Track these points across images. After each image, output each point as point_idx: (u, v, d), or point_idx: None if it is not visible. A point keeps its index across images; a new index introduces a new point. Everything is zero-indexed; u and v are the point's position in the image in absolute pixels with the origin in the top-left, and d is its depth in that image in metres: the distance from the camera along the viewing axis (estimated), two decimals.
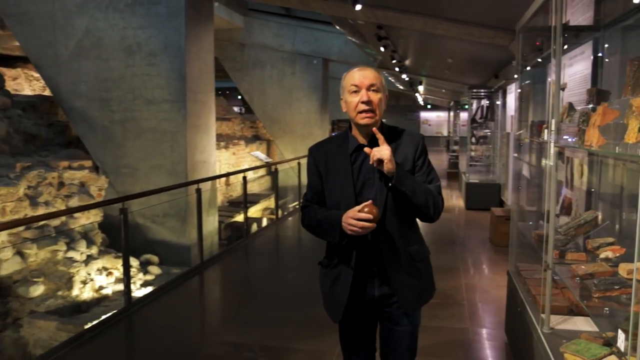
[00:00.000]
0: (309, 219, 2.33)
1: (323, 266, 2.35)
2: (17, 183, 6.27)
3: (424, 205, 2.15)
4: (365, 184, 2.20)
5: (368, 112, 2.12)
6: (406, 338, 2.32)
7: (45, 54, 8.57)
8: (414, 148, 2.22)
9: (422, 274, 2.29)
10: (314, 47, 14.82)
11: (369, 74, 2.15)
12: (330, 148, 2.30)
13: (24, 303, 5.98)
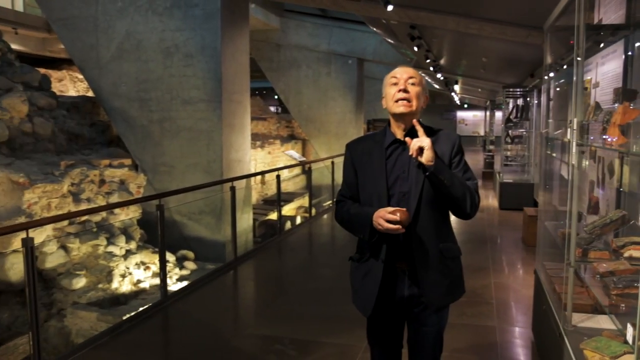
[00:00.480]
0: (342, 214, 2.36)
1: (354, 261, 2.37)
2: (62, 180, 6.57)
3: (461, 198, 2.15)
4: (399, 177, 2.21)
5: (404, 99, 2.16)
6: (433, 337, 2.34)
7: (88, 57, 8.91)
8: (450, 146, 2.24)
9: (451, 271, 2.29)
10: (350, 47, 14.88)
11: (409, 70, 2.22)
12: (367, 143, 2.34)
13: (67, 294, 6.26)
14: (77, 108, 8.94)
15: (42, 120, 7.45)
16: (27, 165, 6.52)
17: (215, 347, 4.18)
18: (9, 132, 6.90)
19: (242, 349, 4.14)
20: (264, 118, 15.94)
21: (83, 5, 8.79)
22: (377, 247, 2.23)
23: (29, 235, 3.80)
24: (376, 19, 8.60)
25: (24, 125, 7.17)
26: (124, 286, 6.67)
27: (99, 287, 6.45)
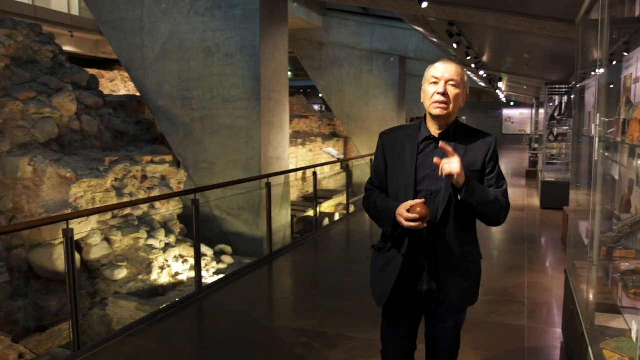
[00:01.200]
0: (369, 204, 2.37)
1: (376, 250, 2.39)
2: (106, 175, 6.86)
3: (491, 214, 2.18)
4: (429, 175, 2.20)
5: (442, 103, 2.13)
6: (450, 334, 2.35)
7: (134, 57, 9.24)
8: (485, 150, 2.23)
9: (472, 275, 2.31)
10: (392, 45, 14.84)
11: (451, 68, 2.16)
12: (401, 135, 2.32)
13: (110, 285, 6.54)
14: (123, 107, 9.29)
15: (89, 118, 7.79)
16: (74, 161, 6.84)
17: (243, 337, 4.32)
18: (59, 130, 7.25)
19: (270, 340, 4.25)
20: (307, 116, 16.07)
21: (129, 7, 9.12)
22: (399, 240, 2.24)
23: (69, 226, 4.01)
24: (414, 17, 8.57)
25: (73, 123, 7.52)
26: (162, 278, 6.91)
27: (139, 278, 6.70)
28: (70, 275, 4.02)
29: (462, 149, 2.19)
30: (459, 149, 2.18)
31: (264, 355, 3.97)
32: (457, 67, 2.18)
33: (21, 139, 6.87)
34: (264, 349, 4.08)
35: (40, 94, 7.22)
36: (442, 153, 2.16)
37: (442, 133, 2.21)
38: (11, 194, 6.72)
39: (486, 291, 5.55)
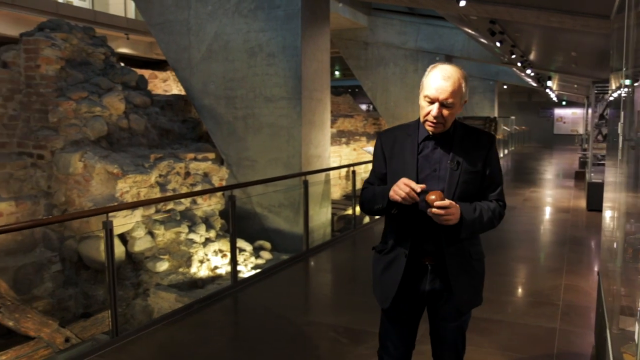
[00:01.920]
0: (366, 193, 2.33)
1: (377, 251, 2.38)
2: (150, 172, 7.14)
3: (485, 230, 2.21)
4: (430, 175, 2.18)
5: (435, 124, 2.11)
6: (454, 333, 2.35)
7: (181, 57, 9.55)
8: (484, 153, 2.21)
9: (477, 272, 2.31)
10: (437, 44, 14.72)
11: (447, 87, 2.06)
12: (400, 134, 2.29)
13: (152, 276, 6.82)
14: (170, 106, 9.62)
15: (136, 116, 8.13)
16: (121, 158, 7.16)
17: (274, 330, 4.45)
18: (108, 128, 7.60)
19: (299, 334, 4.36)
20: (352, 115, 16.13)
21: (177, 10, 9.44)
22: (403, 240, 2.23)
23: (108, 219, 4.23)
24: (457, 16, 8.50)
25: (121, 121, 7.86)
26: (201, 271, 7.14)
27: (179, 271, 6.95)
28: (109, 265, 4.25)
29: (462, 149, 2.18)
30: (459, 150, 2.18)
31: (292, 349, 4.08)
32: (454, 84, 2.08)
33: (73, 136, 7.25)
34: (292, 342, 4.19)
35: (91, 94, 7.59)
36: (442, 152, 2.17)
37: (443, 134, 2.19)
38: (64, 188, 7.10)
39: (520, 292, 5.49)
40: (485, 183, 2.23)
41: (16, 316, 4.73)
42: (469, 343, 3.97)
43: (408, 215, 2.18)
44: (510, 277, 5.89)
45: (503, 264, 6.27)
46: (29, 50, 7.46)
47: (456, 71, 2.11)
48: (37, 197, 7.23)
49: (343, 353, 3.98)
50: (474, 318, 4.44)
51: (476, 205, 2.17)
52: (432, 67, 2.15)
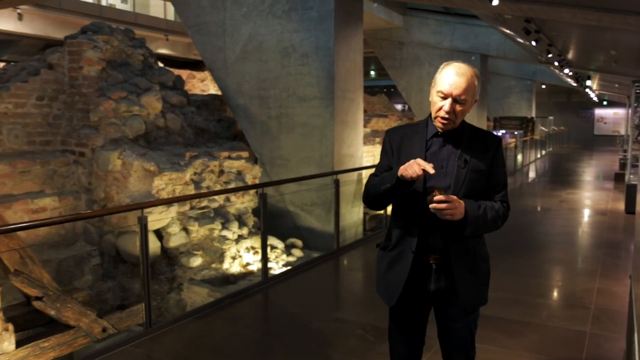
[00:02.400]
0: (371, 180, 2.34)
1: (381, 248, 2.39)
2: (185, 169, 7.34)
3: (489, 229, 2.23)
4: (437, 172, 2.15)
5: (447, 119, 2.13)
6: (463, 335, 2.34)
7: (216, 58, 9.75)
8: (491, 153, 2.23)
9: (483, 274, 2.32)
10: (473, 43, 14.57)
11: (460, 83, 2.08)
12: (408, 132, 2.31)
13: (186, 271, 7.01)
14: (206, 105, 9.83)
15: (173, 116, 8.35)
16: (158, 156, 7.37)
17: (302, 326, 4.54)
18: (146, 127, 7.83)
19: (326, 330, 4.44)
20: (386, 115, 16.12)
21: (214, 12, 9.64)
22: (409, 237, 2.23)
23: (143, 214, 4.40)
24: (492, 15, 8.43)
25: (158, 120, 8.09)
26: (233, 267, 7.30)
27: (212, 267, 7.12)
28: (143, 258, 4.41)
29: (469, 148, 2.20)
30: (467, 149, 2.20)
31: (319, 344, 4.16)
32: (467, 80, 2.10)
33: (113, 134, 7.50)
34: (319, 338, 4.28)
35: (130, 94, 7.83)
36: (450, 150, 2.20)
37: (450, 131, 2.21)
38: (103, 184, 7.36)
39: (551, 294, 5.44)
40: (491, 184, 2.25)
41: (57, 306, 4.96)
42: (496, 344, 4.00)
43: (414, 212, 2.21)
44: (542, 279, 5.83)
45: (536, 266, 6.21)
46: (73, 52, 7.76)
47: (470, 69, 2.14)
48: (78, 193, 7.52)
49: (368, 350, 4.05)
50: (501, 319, 4.48)
51: (481, 203, 2.19)
52: (445, 64, 2.18)
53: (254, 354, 4.05)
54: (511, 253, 6.66)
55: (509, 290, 5.28)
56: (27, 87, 7.43)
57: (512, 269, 6.03)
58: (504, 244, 7.22)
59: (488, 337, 4.14)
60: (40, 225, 4.77)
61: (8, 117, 7.20)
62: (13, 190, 6.94)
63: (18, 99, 7.32)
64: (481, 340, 4.01)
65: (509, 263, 6.23)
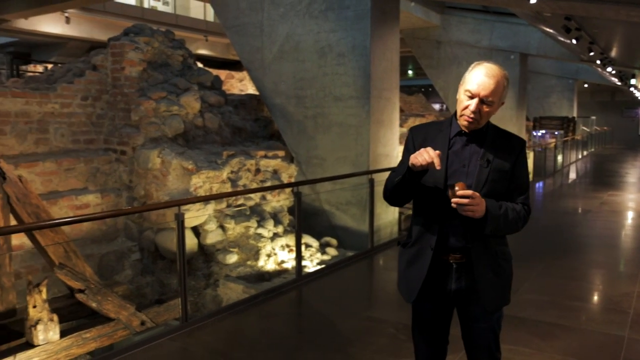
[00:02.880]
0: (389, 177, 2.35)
1: (401, 245, 2.40)
2: (222, 168, 7.47)
3: (512, 230, 2.21)
4: (458, 171, 2.20)
5: (472, 119, 2.13)
6: (487, 335, 2.32)
7: (254, 58, 9.88)
8: (514, 155, 2.21)
9: (504, 272, 2.29)
10: (512, 42, 14.32)
11: (489, 84, 2.09)
12: (431, 130, 2.33)
13: (222, 268, 7.14)
14: (243, 105, 9.98)
15: (211, 115, 8.51)
16: (196, 154, 7.54)
17: (334, 323, 4.59)
18: (184, 126, 8.01)
19: (358, 328, 4.48)
20: (423, 114, 16.01)
21: (252, 13, 9.77)
22: (429, 233, 2.23)
23: (180, 211, 4.52)
24: (530, 13, 8.28)
25: (197, 119, 8.27)
26: (268, 265, 7.39)
27: (247, 264, 7.24)
28: (180, 254, 4.53)
29: (493, 149, 2.19)
30: (490, 149, 2.19)
31: (350, 342, 4.20)
32: (496, 82, 2.10)
33: (153, 133, 7.70)
34: (351, 336, 4.31)
35: (170, 94, 8.03)
36: (473, 149, 2.19)
37: (476, 131, 2.20)
38: (143, 182, 7.57)
39: (589, 298, 5.34)
40: (513, 186, 2.23)
41: (99, 298, 5.14)
42: (530, 346, 3.96)
43: (434, 209, 2.21)
44: (580, 282, 5.72)
45: (574, 269, 6.10)
46: (115, 53, 8.00)
47: (500, 70, 2.14)
48: (120, 190, 7.75)
49: (399, 349, 4.06)
50: (536, 322, 4.43)
51: (502, 204, 2.18)
52: (476, 64, 2.18)
53: (285, 350, 4.12)
54: (549, 255, 6.55)
55: (545, 293, 5.21)
56: (72, 87, 7.70)
57: (549, 271, 5.94)
58: (542, 246, 7.11)
59: (521, 339, 4.10)
60: (82, 220, 4.96)
61: (55, 116, 7.48)
62: (59, 187, 7.21)
63: (64, 99, 7.60)
64: (514, 342, 3.99)
65: (546, 265, 6.13)
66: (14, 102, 7.08)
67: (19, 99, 7.14)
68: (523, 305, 4.82)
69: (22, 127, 7.15)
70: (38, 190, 6.63)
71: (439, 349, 2.44)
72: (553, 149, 15.54)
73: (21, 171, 6.49)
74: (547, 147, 15.64)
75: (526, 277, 5.63)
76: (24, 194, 5.17)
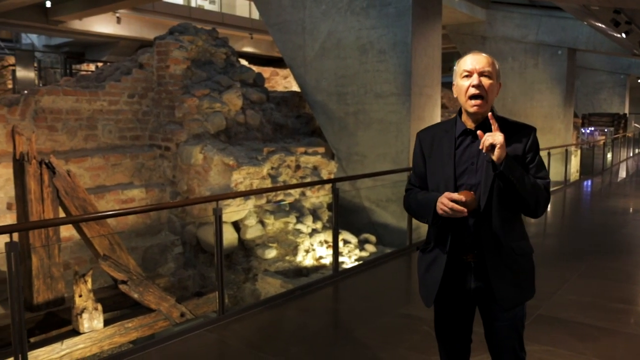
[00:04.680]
0: (409, 200, 2.38)
1: (420, 250, 2.40)
2: (263, 164, 7.58)
3: (529, 198, 2.10)
4: (467, 169, 2.19)
5: (478, 97, 2.11)
6: (508, 333, 2.29)
7: (296, 56, 9.96)
8: (524, 141, 2.18)
9: (523, 269, 2.25)
10: (560, 37, 13.91)
11: (482, 59, 2.13)
12: (437, 132, 2.31)
13: (261, 262, 7.25)
14: (285, 102, 10.08)
15: (253, 112, 8.64)
16: (237, 151, 7.67)
17: (369, 319, 4.60)
18: (226, 123, 8.17)
19: (393, 325, 4.48)
20: None
21: (294, 10, 9.85)
22: (442, 238, 2.22)
23: (218, 206, 4.62)
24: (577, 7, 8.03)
25: (238, 116, 8.41)
26: (306, 260, 7.46)
27: (286, 259, 7.32)
28: (217, 247, 4.64)
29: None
30: None
31: (384, 338, 4.20)
32: (488, 58, 2.15)
33: (196, 130, 7.88)
34: (386, 332, 4.31)
35: (213, 91, 8.20)
36: (479, 146, 2.12)
37: (479, 126, 2.17)
38: (186, 177, 7.77)
39: (633, 300, 5.17)
40: (526, 169, 2.17)
41: (140, 290, 5.32)
42: (567, 348, 3.89)
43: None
44: (624, 284, 5.54)
45: (618, 270, 5.91)
46: (161, 52, 8.23)
47: (487, 55, 2.19)
48: (163, 185, 7.97)
49: (432, 347, 4.00)
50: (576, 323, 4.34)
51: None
52: (460, 58, 2.24)
53: (320, 344, 4.16)
54: (593, 255, 6.37)
55: (587, 294, 5.07)
56: (120, 85, 7.97)
57: (593, 272, 5.77)
58: (586, 246, 6.93)
59: (558, 339, 4.02)
60: (126, 213, 5.14)
61: (103, 113, 7.76)
62: (106, 182, 7.48)
63: (112, 96, 7.87)
64: (552, 344, 3.92)
65: (589, 265, 5.97)
66: (65, 100, 7.39)
67: (70, 96, 7.45)
68: (563, 306, 4.71)
69: (73, 124, 7.45)
70: (86, 185, 6.90)
71: (461, 348, 2.42)
72: (602, 147, 15.03)
73: (71, 166, 6.77)
74: (596, 144, 15.15)
75: (567, 277, 5.50)
76: (72, 188, 5.39)
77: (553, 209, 9.94)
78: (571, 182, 13.47)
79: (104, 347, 4.97)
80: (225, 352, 4.16)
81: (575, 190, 12.31)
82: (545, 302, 4.77)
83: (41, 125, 7.13)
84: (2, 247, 3.44)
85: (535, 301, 4.55)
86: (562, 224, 8.93)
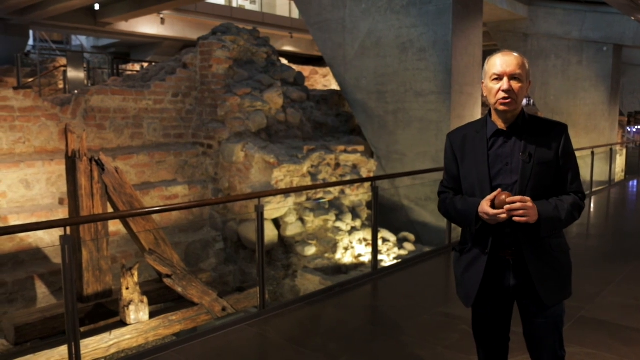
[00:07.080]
0: (446, 206, 2.37)
1: (457, 251, 2.40)
2: (303, 162, 7.67)
3: (569, 224, 2.17)
4: (502, 169, 2.18)
5: (507, 99, 2.11)
6: (548, 332, 2.28)
7: (336, 54, 10.02)
8: (557, 143, 2.16)
9: (562, 266, 2.25)
10: (605, 33, 13.52)
11: (511, 61, 2.11)
12: (468, 133, 2.31)
13: (300, 259, 7.35)
14: (325, 100, 10.15)
15: (293, 111, 8.74)
16: (277, 149, 7.79)
17: (408, 317, 4.63)
18: (267, 121, 8.29)
19: (431, 323, 4.49)
20: None
21: (334, 9, 9.91)
22: (482, 238, 2.22)
23: (260, 203, 4.73)
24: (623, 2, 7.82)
25: (279, 115, 8.53)
26: (345, 258, 7.52)
27: (325, 256, 7.39)
28: (259, 243, 4.74)
29: (533, 141, 2.15)
30: (530, 141, 2.16)
31: (422, 336, 4.23)
32: (518, 58, 2.12)
33: (237, 128, 8.04)
34: (423, 331, 4.34)
35: (254, 90, 8.34)
36: (513, 145, 2.16)
37: (511, 126, 2.18)
38: (227, 175, 7.93)
39: None
40: (561, 174, 2.18)
41: (184, 284, 5.47)
42: (610, 351, 3.84)
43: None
44: None
45: None
46: (204, 52, 8.42)
47: (516, 54, 2.16)
48: (206, 182, 8.16)
49: (470, 346, 4.00)
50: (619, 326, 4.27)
51: (554, 202, 2.14)
52: (490, 56, 2.22)
53: (358, 341, 4.21)
54: (638, 257, 6.22)
55: (632, 297, 4.96)
56: (164, 85, 8.19)
57: (638, 275, 5.64)
58: (632, 248, 6.76)
59: (601, 342, 3.96)
60: (170, 209, 5.30)
61: (148, 112, 8.00)
62: (151, 179, 7.71)
63: (157, 95, 8.10)
64: (594, 346, 3.87)
65: (634, 268, 5.83)
66: (113, 99, 7.65)
67: (117, 96, 7.71)
68: (606, 308, 4.64)
69: (120, 122, 7.71)
70: (132, 181, 7.13)
71: (500, 347, 2.43)
72: None
73: (118, 163, 7.01)
74: None
75: (611, 279, 5.39)
76: (119, 184, 5.59)
77: (596, 210, 9.72)
78: (616, 182, 13.11)
79: (149, 339, 5.14)
80: (266, 346, 4.25)
81: (619, 190, 11.98)
82: (588, 303, 4.70)
83: (91, 123, 7.40)
84: (54, 240, 3.61)
85: (577, 302, 4.52)
86: (605, 225, 8.72)
